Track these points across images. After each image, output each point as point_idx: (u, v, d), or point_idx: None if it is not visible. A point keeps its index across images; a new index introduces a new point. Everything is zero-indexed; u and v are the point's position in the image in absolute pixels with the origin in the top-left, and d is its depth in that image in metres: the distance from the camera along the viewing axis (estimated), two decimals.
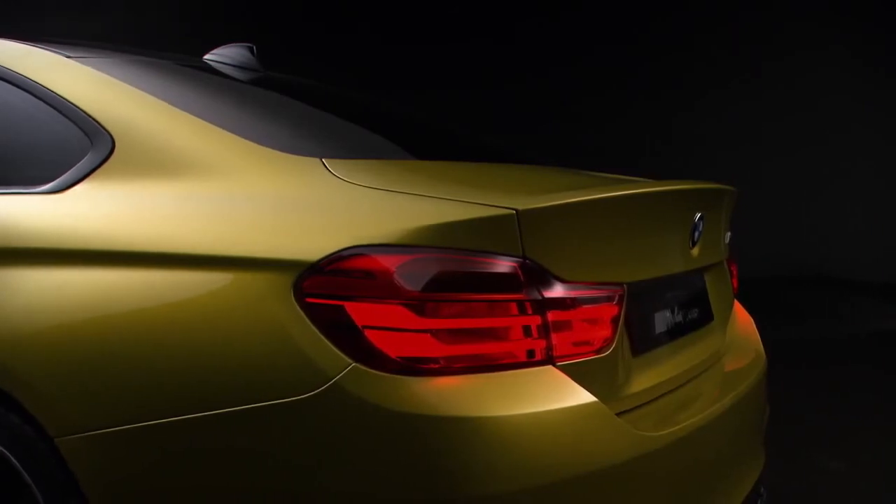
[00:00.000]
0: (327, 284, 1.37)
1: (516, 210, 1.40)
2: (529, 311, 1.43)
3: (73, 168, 1.66)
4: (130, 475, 1.43)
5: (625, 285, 1.61)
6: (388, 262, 1.36)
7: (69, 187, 1.63)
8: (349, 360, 1.33)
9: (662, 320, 1.86)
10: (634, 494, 1.50)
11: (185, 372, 1.40)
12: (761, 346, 2.33)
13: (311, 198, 1.50)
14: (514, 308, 1.42)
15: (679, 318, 1.94)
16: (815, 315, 7.79)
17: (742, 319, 2.43)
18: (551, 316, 1.45)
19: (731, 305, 2.32)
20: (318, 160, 1.57)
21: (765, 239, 9.28)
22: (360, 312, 1.35)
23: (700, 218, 1.87)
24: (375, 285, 1.36)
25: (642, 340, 1.74)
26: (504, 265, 1.41)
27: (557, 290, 1.47)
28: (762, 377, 2.18)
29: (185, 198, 1.54)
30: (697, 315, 2.07)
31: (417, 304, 1.35)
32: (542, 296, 1.44)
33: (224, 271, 1.42)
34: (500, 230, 1.40)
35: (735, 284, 2.35)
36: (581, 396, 1.45)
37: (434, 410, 1.33)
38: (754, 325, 2.42)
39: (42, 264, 1.56)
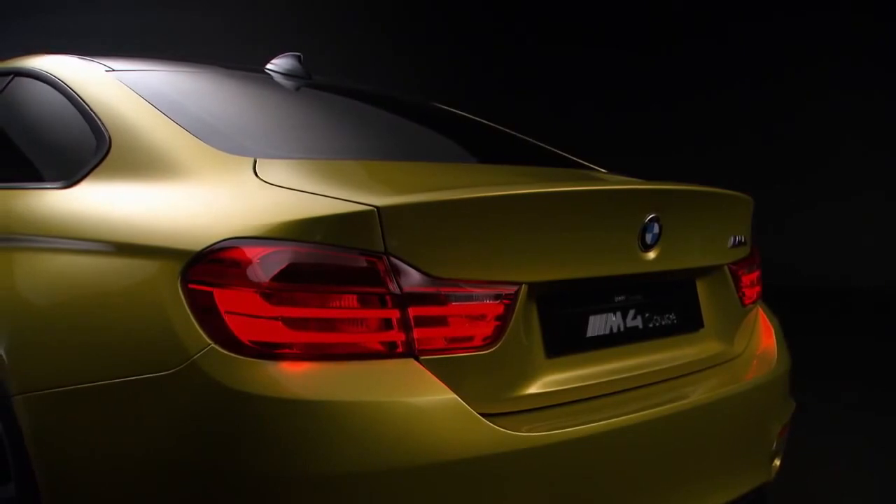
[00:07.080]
0: (205, 272, 1.51)
1: (377, 207, 1.47)
2: (389, 305, 1.49)
3: (82, 168, 1.92)
4: (44, 433, 1.65)
5: (523, 284, 1.62)
6: (252, 253, 1.48)
7: (74, 184, 1.90)
8: (208, 342, 1.46)
9: (603, 322, 1.82)
10: (490, 492, 1.51)
11: (91, 344, 1.61)
12: (776, 358, 2.18)
13: (226, 194, 1.65)
14: (372, 301, 1.49)
15: (636, 322, 1.89)
16: None
17: (764, 327, 2.28)
18: (414, 311, 1.50)
19: (740, 312, 2.18)
20: (251, 160, 1.73)
21: None
22: (224, 298, 1.48)
23: (653, 219, 1.81)
24: (240, 274, 1.48)
25: (563, 342, 1.73)
26: (362, 259, 1.47)
27: (423, 286, 1.51)
28: (763, 388, 2.05)
29: (133, 193, 1.74)
30: (675, 320, 1.99)
31: (271, 293, 1.46)
32: (403, 291, 1.49)
33: (137, 258, 1.60)
34: (362, 226, 1.47)
35: (749, 293, 2.20)
36: (436, 391, 1.49)
37: (277, 392, 1.43)
38: (774, 335, 2.27)
39: (31, 250, 1.84)
